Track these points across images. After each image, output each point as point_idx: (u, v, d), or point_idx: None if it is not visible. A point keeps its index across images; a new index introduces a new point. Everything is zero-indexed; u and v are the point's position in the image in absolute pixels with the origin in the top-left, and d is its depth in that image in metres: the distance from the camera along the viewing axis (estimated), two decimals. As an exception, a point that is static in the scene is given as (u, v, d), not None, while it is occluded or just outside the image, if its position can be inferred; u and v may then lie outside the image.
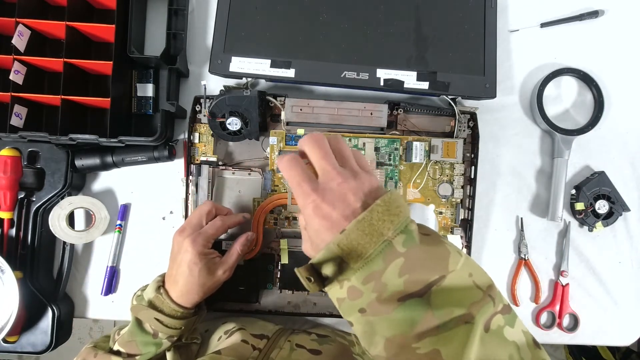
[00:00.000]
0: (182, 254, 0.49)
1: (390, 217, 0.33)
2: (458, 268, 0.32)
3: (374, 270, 0.32)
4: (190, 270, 0.49)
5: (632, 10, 0.68)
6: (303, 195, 0.35)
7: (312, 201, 0.35)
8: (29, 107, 0.58)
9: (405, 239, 0.32)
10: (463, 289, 0.32)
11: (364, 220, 0.32)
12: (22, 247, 0.60)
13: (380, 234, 0.32)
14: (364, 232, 0.32)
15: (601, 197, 0.64)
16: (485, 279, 0.34)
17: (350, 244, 0.32)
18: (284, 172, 0.37)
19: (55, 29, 0.58)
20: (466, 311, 0.31)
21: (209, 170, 0.60)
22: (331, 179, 0.35)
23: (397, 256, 0.32)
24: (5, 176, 0.57)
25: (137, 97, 0.62)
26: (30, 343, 0.60)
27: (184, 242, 0.50)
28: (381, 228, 0.32)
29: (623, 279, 0.66)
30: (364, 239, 0.32)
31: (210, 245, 0.51)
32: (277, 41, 0.59)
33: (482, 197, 0.65)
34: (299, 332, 0.55)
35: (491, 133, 0.66)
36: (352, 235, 0.32)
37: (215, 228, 0.51)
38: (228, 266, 0.52)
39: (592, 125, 0.65)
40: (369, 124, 0.61)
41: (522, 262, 0.65)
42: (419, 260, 0.32)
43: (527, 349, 0.32)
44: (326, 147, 0.37)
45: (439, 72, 0.60)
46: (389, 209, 0.33)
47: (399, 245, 0.32)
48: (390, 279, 0.31)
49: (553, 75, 0.65)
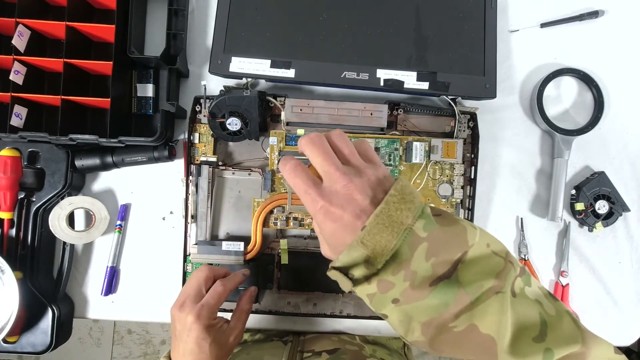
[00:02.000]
0: (188, 332, 0.46)
1: (407, 205, 0.33)
2: (477, 241, 0.33)
3: (402, 259, 0.32)
4: (200, 347, 0.45)
5: (632, 10, 0.68)
6: (311, 202, 0.35)
7: (321, 207, 0.34)
8: (29, 107, 0.58)
9: (425, 224, 0.32)
10: (486, 260, 0.33)
11: (381, 213, 0.32)
12: (22, 247, 0.60)
13: (400, 223, 0.32)
14: (384, 225, 0.32)
15: (601, 197, 0.64)
16: (501, 246, 0.34)
17: (373, 239, 0.32)
18: (289, 180, 0.36)
19: (55, 29, 0.58)
20: (495, 282, 0.32)
21: (209, 170, 0.60)
22: (335, 181, 0.35)
23: (421, 241, 0.32)
24: (5, 176, 0.57)
25: (137, 97, 0.62)
26: (30, 343, 0.60)
27: (187, 319, 0.46)
28: (400, 217, 0.32)
29: (623, 279, 0.66)
30: (386, 231, 0.32)
31: (215, 315, 0.48)
32: (277, 41, 0.59)
33: (482, 197, 0.65)
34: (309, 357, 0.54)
35: (491, 133, 0.66)
36: (373, 230, 0.32)
37: (218, 296, 0.48)
38: (239, 330, 0.50)
39: (592, 125, 0.65)
40: (369, 124, 0.61)
41: (522, 262, 0.65)
42: (441, 241, 0.32)
43: (548, 302, 0.34)
44: (326, 147, 0.36)
45: (439, 73, 0.60)
46: (403, 197, 0.33)
47: (420, 230, 0.32)
48: (419, 265, 0.32)
49: (553, 75, 0.65)
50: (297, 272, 0.62)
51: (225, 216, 0.62)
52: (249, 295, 0.53)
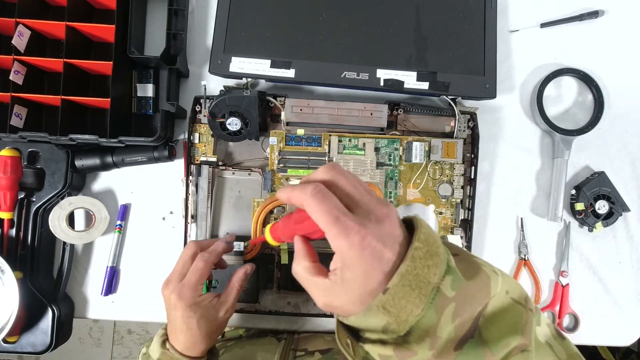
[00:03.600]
0: (174, 311, 0.47)
1: (433, 260, 0.28)
2: (498, 290, 0.29)
3: (428, 325, 0.28)
4: (187, 324, 0.46)
5: (632, 10, 0.68)
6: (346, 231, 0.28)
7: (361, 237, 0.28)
8: (29, 107, 0.58)
9: (452, 281, 0.28)
10: (507, 310, 0.29)
11: (407, 273, 0.27)
12: (22, 247, 0.60)
13: (427, 282, 0.28)
14: (410, 287, 0.27)
15: (601, 197, 0.64)
16: (520, 291, 0.31)
17: (397, 304, 0.27)
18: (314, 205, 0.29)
19: (55, 29, 0.58)
20: (520, 339, 0.28)
21: (209, 170, 0.60)
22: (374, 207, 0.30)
23: (449, 302, 0.28)
24: (5, 176, 0.57)
25: (137, 97, 0.62)
26: (30, 343, 0.60)
27: (171, 298, 0.46)
28: (427, 276, 0.28)
29: (623, 279, 0.66)
30: (412, 294, 0.27)
31: (200, 291, 0.47)
32: (277, 41, 0.59)
33: (482, 197, 0.65)
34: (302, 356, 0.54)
35: (491, 133, 0.66)
36: (398, 293, 0.27)
37: (200, 272, 0.47)
38: (229, 305, 0.49)
39: (592, 125, 0.65)
40: (369, 124, 0.61)
41: (522, 262, 0.65)
42: (467, 298, 0.28)
43: (558, 344, 0.32)
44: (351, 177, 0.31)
45: (439, 73, 0.60)
46: (429, 250, 0.28)
47: (448, 289, 0.28)
48: (444, 329, 0.28)
49: (553, 75, 0.65)
50: (297, 272, 0.62)
51: (225, 216, 0.62)
52: (243, 272, 0.51)
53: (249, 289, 0.61)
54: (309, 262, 0.32)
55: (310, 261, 0.32)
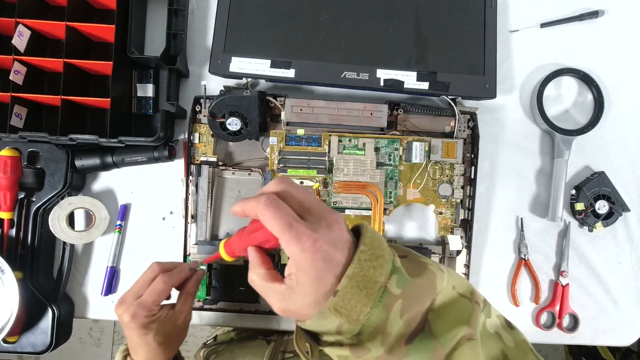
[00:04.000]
0: (127, 330, 0.48)
1: (379, 261, 0.30)
2: (444, 286, 0.31)
3: (377, 322, 0.29)
4: (143, 340, 0.47)
5: (632, 10, 0.68)
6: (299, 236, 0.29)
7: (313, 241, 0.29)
8: (29, 107, 0.58)
9: (398, 279, 0.30)
10: (454, 304, 0.31)
11: (355, 275, 0.29)
12: (22, 247, 0.60)
13: (374, 282, 0.29)
14: (358, 288, 0.29)
15: (601, 198, 0.64)
16: (467, 286, 0.33)
17: (348, 304, 0.29)
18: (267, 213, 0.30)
19: (55, 29, 0.58)
20: (466, 329, 0.30)
21: (209, 170, 0.60)
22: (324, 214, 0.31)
23: (396, 300, 0.29)
24: (5, 176, 0.57)
25: (137, 97, 0.62)
26: (30, 343, 0.60)
27: (123, 317, 0.47)
28: (374, 276, 0.29)
29: (623, 279, 0.66)
30: (360, 294, 0.29)
31: (155, 309, 0.48)
32: (277, 41, 0.59)
33: (482, 197, 0.65)
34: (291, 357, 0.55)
35: (491, 133, 0.66)
36: (347, 295, 0.29)
37: (157, 293, 0.47)
38: (185, 313, 0.51)
39: (592, 125, 0.65)
40: (369, 124, 0.61)
41: (522, 262, 0.65)
42: (414, 295, 0.30)
43: (506, 333, 0.33)
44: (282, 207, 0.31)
45: (439, 73, 0.60)
46: (373, 252, 0.30)
47: (394, 287, 0.29)
48: (394, 325, 0.29)
49: (553, 75, 0.65)
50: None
51: (225, 216, 0.62)
52: (195, 278, 0.52)
53: (249, 289, 0.61)
54: (264, 269, 0.33)
55: (265, 268, 0.33)
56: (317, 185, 0.61)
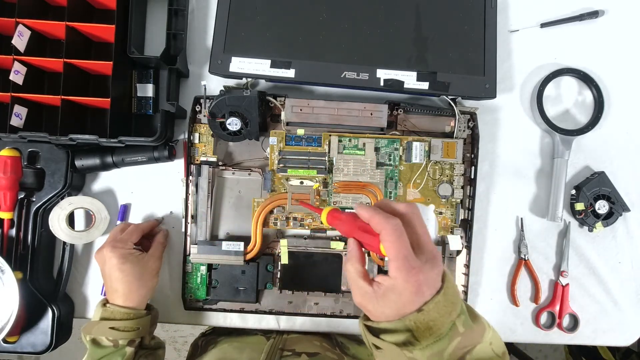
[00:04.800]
0: (108, 263, 0.54)
1: (454, 300, 0.36)
2: (486, 339, 0.36)
3: (440, 348, 0.34)
4: (121, 271, 0.53)
5: (632, 10, 0.68)
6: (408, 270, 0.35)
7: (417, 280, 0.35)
8: (29, 107, 0.58)
9: (464, 320, 0.36)
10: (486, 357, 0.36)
11: (439, 302, 0.35)
12: (22, 247, 0.60)
13: (449, 314, 0.35)
14: (438, 313, 0.35)
15: (601, 198, 0.64)
16: (500, 346, 0.38)
17: (426, 323, 0.34)
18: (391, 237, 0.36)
19: (55, 29, 0.58)
20: None
21: (209, 170, 0.60)
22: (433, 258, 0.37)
23: (458, 335, 0.35)
24: (5, 176, 0.57)
25: (137, 97, 0.62)
26: (30, 343, 0.60)
27: (104, 252, 0.54)
28: (450, 309, 0.35)
29: (623, 279, 0.66)
30: (438, 320, 0.35)
31: (130, 245, 0.56)
32: (277, 41, 0.59)
33: (482, 197, 0.65)
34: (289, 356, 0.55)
35: (491, 133, 0.66)
36: (429, 315, 0.35)
37: (130, 232, 0.57)
38: (155, 257, 0.57)
39: (592, 125, 0.65)
40: (369, 124, 0.61)
41: (522, 262, 0.65)
42: (469, 337, 0.35)
43: None
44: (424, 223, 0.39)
45: (439, 72, 0.60)
46: (454, 292, 0.36)
47: (460, 325, 0.35)
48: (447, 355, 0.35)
49: (553, 75, 0.65)
50: (297, 272, 0.62)
51: (225, 216, 0.62)
52: (163, 231, 0.62)
53: (249, 289, 0.61)
54: (360, 266, 0.39)
55: (361, 265, 0.39)
56: (317, 185, 0.61)
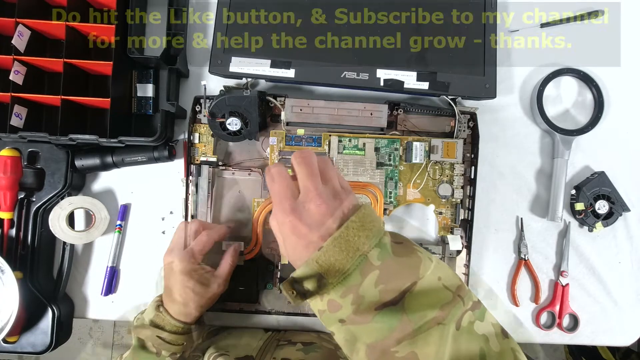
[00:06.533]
0: (173, 276, 0.51)
1: (365, 232, 0.34)
2: (428, 273, 0.34)
3: (351, 284, 0.33)
4: (184, 287, 0.51)
5: (632, 10, 0.68)
6: (282, 213, 0.37)
7: (289, 221, 0.36)
8: (29, 107, 0.58)
9: (379, 253, 0.34)
10: (434, 292, 0.34)
11: (340, 237, 0.34)
12: (22, 247, 0.60)
13: (356, 249, 0.34)
14: (340, 249, 0.33)
15: (601, 197, 0.64)
16: (454, 281, 0.35)
17: (328, 261, 0.33)
18: (269, 183, 0.38)
19: (55, 29, 0.58)
20: (438, 313, 0.33)
21: (209, 170, 0.60)
22: (310, 199, 0.36)
23: (373, 269, 0.33)
24: (5, 176, 0.57)
25: (137, 97, 0.62)
26: (30, 343, 0.60)
27: (173, 263, 0.51)
28: (357, 243, 0.34)
29: (623, 279, 0.66)
30: (341, 255, 0.33)
31: (199, 260, 0.52)
32: (277, 41, 0.59)
33: (482, 197, 0.65)
34: (284, 344, 0.55)
35: (491, 133, 0.66)
36: (329, 252, 0.33)
37: (202, 244, 0.53)
38: (222, 279, 0.54)
39: (592, 125, 0.65)
40: (369, 124, 0.61)
41: (522, 262, 0.65)
42: (393, 270, 0.34)
43: (496, 339, 0.34)
44: (313, 166, 0.38)
45: (439, 72, 0.60)
46: (363, 225, 0.35)
47: (374, 258, 0.34)
48: (367, 290, 0.33)
49: (553, 75, 0.65)
50: (297, 272, 0.62)
51: (225, 216, 0.62)
52: (233, 249, 0.57)
53: (249, 289, 0.61)
54: None
55: None
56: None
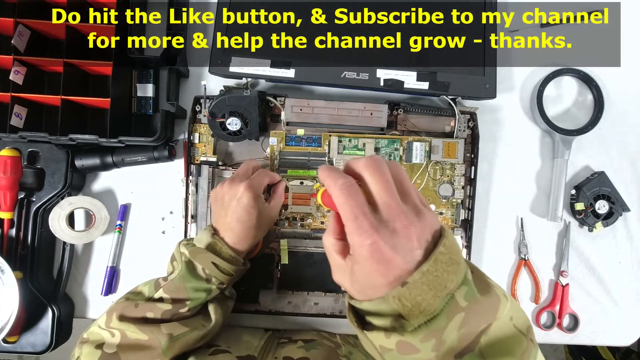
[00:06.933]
0: (238, 200, 0.50)
1: (453, 267, 0.30)
2: (504, 314, 0.31)
3: (436, 328, 0.29)
4: (248, 214, 0.50)
5: (632, 10, 0.68)
6: (360, 232, 0.30)
7: (372, 242, 0.30)
8: (29, 107, 0.58)
9: (466, 292, 0.30)
10: (510, 337, 0.31)
11: (428, 272, 0.29)
12: (22, 247, 0.60)
13: (444, 287, 0.29)
14: (429, 287, 0.29)
15: (601, 197, 0.64)
16: (525, 322, 0.32)
17: (413, 300, 0.29)
18: (339, 198, 0.31)
19: (55, 29, 0.58)
20: None
21: (209, 170, 0.60)
22: (394, 218, 0.30)
23: (459, 311, 0.29)
24: (5, 176, 0.57)
25: (137, 97, 0.62)
26: (30, 343, 0.60)
27: (239, 188, 0.50)
28: (445, 280, 0.29)
29: (623, 279, 0.66)
30: (429, 294, 0.29)
31: (261, 191, 0.52)
32: (277, 41, 0.59)
33: (482, 197, 0.65)
34: (285, 343, 0.55)
35: (491, 133, 0.66)
36: (416, 289, 0.29)
37: (262, 178, 0.53)
38: (276, 210, 0.55)
39: (592, 125, 0.65)
40: (369, 124, 0.61)
41: (522, 262, 0.65)
42: (476, 312, 0.30)
43: None
44: (389, 177, 0.32)
45: (439, 72, 0.60)
46: (451, 257, 0.30)
47: (461, 298, 0.30)
48: (449, 334, 0.29)
49: (553, 75, 0.65)
50: (297, 272, 0.62)
51: (225, 216, 0.62)
52: (283, 182, 0.58)
53: (249, 289, 0.61)
54: (333, 238, 0.35)
55: (334, 238, 0.35)
56: (318, 186, 0.61)
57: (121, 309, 0.48)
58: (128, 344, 0.46)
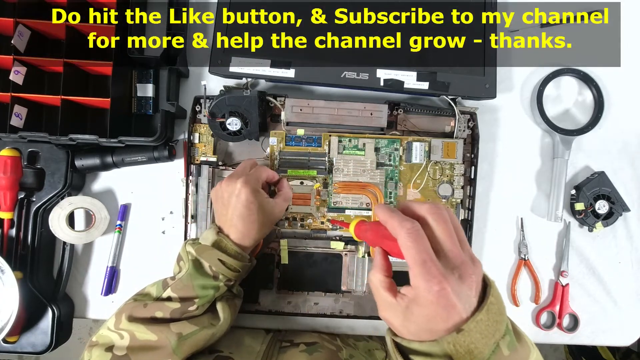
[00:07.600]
0: (237, 196, 0.50)
1: (501, 317, 0.32)
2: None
3: None
4: (248, 209, 0.50)
5: (632, 10, 0.68)
6: (428, 277, 0.31)
7: (441, 288, 0.31)
8: (29, 107, 0.58)
9: (509, 341, 0.32)
10: None
11: (481, 321, 0.31)
12: (22, 247, 0.60)
13: (492, 335, 0.31)
14: (481, 335, 0.31)
15: (601, 197, 0.64)
16: None
17: (467, 347, 0.31)
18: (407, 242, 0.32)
19: (55, 29, 0.58)
20: None
21: (209, 170, 0.60)
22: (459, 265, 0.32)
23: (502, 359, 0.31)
24: (5, 176, 0.57)
25: (137, 97, 0.62)
26: (30, 343, 0.60)
27: (236, 184, 0.50)
28: (494, 329, 0.31)
29: (623, 279, 0.66)
30: (481, 342, 0.31)
31: (259, 186, 0.52)
32: (277, 41, 0.59)
33: (482, 197, 0.65)
34: (287, 346, 0.55)
35: (491, 133, 0.66)
36: (470, 336, 0.31)
37: (260, 171, 0.54)
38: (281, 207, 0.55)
39: (592, 125, 0.65)
40: (369, 124, 0.61)
41: (522, 262, 0.65)
42: None
43: None
44: (451, 224, 0.34)
45: (439, 72, 0.60)
46: (499, 308, 0.32)
47: (505, 347, 0.32)
48: None
49: (553, 75, 0.65)
50: (297, 272, 0.62)
51: (225, 216, 0.62)
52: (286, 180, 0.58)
53: (249, 289, 0.61)
54: (383, 276, 0.36)
55: (384, 275, 0.36)
56: (318, 186, 0.61)
57: (130, 309, 0.48)
58: (138, 345, 0.46)
